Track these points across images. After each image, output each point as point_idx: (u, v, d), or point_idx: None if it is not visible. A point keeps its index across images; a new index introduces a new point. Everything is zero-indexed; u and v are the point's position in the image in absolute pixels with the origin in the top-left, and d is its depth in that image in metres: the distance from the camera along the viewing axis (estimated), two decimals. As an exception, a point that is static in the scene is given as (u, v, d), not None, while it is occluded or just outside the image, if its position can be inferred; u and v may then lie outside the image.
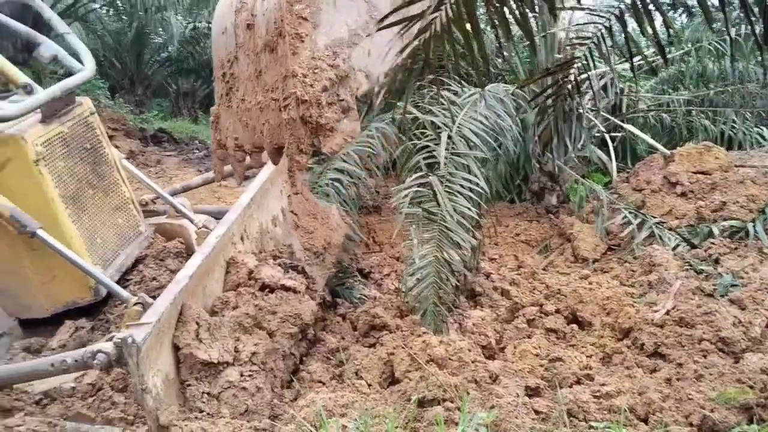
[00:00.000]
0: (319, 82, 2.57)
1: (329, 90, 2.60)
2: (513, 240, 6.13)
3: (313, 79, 2.57)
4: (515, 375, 3.34)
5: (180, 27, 13.15)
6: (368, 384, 3.31)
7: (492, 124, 5.04)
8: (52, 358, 2.89)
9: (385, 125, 5.72)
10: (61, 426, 2.84)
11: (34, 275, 3.76)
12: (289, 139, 2.63)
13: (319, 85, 2.57)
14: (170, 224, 4.60)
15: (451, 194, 4.30)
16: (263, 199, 3.98)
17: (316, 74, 2.58)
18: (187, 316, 2.84)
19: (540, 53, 6.47)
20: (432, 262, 4.04)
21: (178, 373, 2.80)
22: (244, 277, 3.43)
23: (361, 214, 6.08)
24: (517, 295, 4.60)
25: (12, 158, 3.58)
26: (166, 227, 4.58)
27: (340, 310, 4.42)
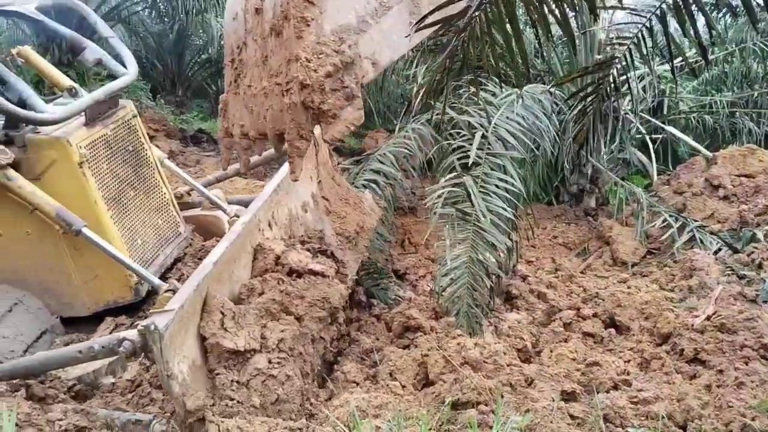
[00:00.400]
0: (323, 68, 2.52)
1: (333, 76, 2.55)
2: (550, 242, 6.07)
3: (317, 64, 2.52)
4: (551, 379, 3.30)
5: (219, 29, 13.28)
6: (402, 385, 3.31)
7: (529, 124, 5.00)
8: (80, 345, 2.97)
9: (422, 126, 5.71)
10: (93, 414, 2.90)
11: (76, 274, 3.84)
12: (289, 124, 2.59)
13: (323, 71, 2.52)
14: (204, 215, 4.66)
15: (486, 195, 4.27)
16: (291, 185, 3.94)
17: (321, 59, 2.53)
18: (212, 306, 2.84)
19: (580, 53, 6.40)
20: (466, 263, 4.02)
21: (206, 362, 2.81)
22: (271, 263, 3.40)
23: (397, 215, 6.08)
24: (554, 299, 4.56)
25: (57, 160, 3.67)
26: (200, 218, 4.64)
27: (375, 311, 4.42)
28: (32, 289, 3.89)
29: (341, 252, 3.92)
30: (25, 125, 3.72)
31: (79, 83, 4.03)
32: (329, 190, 4.38)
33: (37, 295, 3.89)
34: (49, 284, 3.89)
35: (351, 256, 4.04)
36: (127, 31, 12.29)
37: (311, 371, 3.15)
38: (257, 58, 2.70)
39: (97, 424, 2.83)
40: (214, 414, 2.61)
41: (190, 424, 2.59)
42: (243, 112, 2.88)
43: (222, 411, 2.64)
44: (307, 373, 3.09)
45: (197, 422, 2.59)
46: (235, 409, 2.66)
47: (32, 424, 2.76)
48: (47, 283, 3.89)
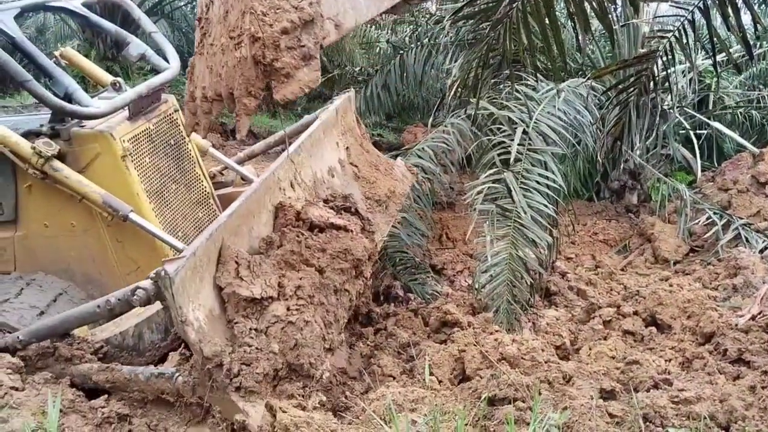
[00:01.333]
0: (279, 23, 2.39)
1: (290, 33, 2.42)
2: (591, 239, 6.00)
3: (273, 18, 2.40)
4: (590, 377, 3.26)
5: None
6: (439, 380, 3.30)
7: (570, 119, 4.95)
8: (97, 300, 3.00)
9: (461, 121, 5.69)
10: (118, 370, 2.96)
11: (118, 266, 3.92)
12: (238, 79, 2.47)
13: (278, 26, 2.39)
14: (237, 193, 4.71)
15: (527, 191, 4.24)
16: (315, 148, 3.90)
17: (278, 14, 2.41)
18: (226, 257, 2.81)
19: (622, 47, 6.30)
20: (506, 259, 4.00)
21: (225, 312, 2.79)
22: (292, 218, 3.33)
23: (435, 210, 6.07)
24: (593, 296, 4.51)
25: (101, 153, 3.75)
26: (232, 196, 4.69)
27: (412, 306, 4.43)
28: (76, 280, 3.98)
29: (369, 213, 3.85)
30: (70, 119, 3.80)
31: (123, 78, 4.10)
32: (358, 156, 4.34)
33: (81, 286, 3.97)
34: (92, 275, 3.97)
35: (381, 218, 3.98)
36: (170, 27, 12.48)
37: (335, 321, 3.10)
38: (220, 15, 2.58)
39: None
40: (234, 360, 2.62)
41: (209, 370, 2.60)
42: (205, 73, 2.74)
43: (241, 357, 2.63)
44: (330, 322, 3.04)
45: (216, 368, 2.59)
46: (254, 356, 2.65)
47: (76, 411, 2.83)
48: (91, 274, 3.97)
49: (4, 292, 3.71)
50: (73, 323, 3.15)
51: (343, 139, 4.26)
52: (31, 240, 3.95)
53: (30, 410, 2.71)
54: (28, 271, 3.95)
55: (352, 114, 4.52)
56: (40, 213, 3.89)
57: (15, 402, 2.75)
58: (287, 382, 2.73)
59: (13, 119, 4.57)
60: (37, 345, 3.12)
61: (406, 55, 8.63)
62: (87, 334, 3.37)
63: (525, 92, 5.00)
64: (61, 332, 3.18)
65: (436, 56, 8.17)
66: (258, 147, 5.43)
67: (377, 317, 4.25)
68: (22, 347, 3.11)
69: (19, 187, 3.86)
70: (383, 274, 4.85)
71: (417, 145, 5.74)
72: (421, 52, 8.41)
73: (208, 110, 2.76)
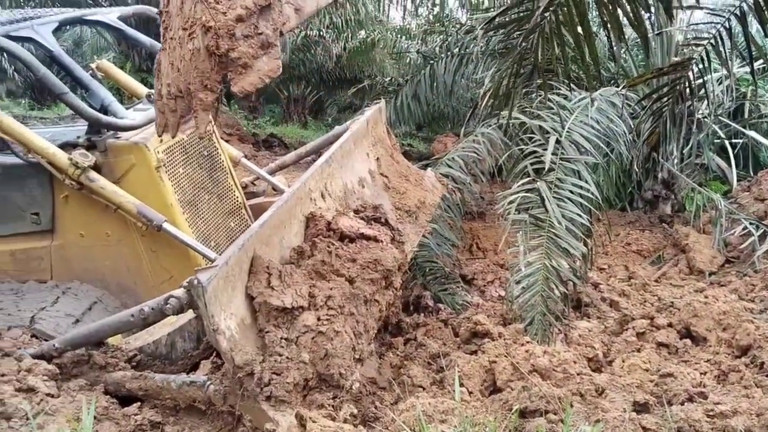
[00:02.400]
0: (233, 10, 2.27)
1: (246, 21, 2.29)
2: (624, 249, 5.92)
3: (226, 6, 2.27)
4: (623, 389, 3.22)
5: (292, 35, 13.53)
6: (469, 391, 3.28)
7: (604, 128, 4.90)
8: (131, 309, 3.02)
9: (492, 130, 5.67)
10: (150, 378, 2.99)
11: (152, 275, 3.98)
12: (192, 72, 2.35)
13: (232, 14, 2.26)
14: (268, 203, 4.75)
15: (560, 200, 4.21)
16: (345, 159, 3.90)
17: (231, 1, 2.28)
18: (257, 266, 2.83)
19: (656, 55, 6.23)
20: (540, 269, 3.97)
21: (256, 321, 2.81)
22: (323, 228, 3.34)
23: (465, 220, 6.05)
24: (626, 307, 4.44)
25: (135, 164, 3.81)
26: (264, 206, 4.73)
27: (441, 316, 4.41)
28: (111, 289, 4.04)
29: (399, 223, 3.86)
30: (106, 131, 3.87)
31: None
32: (388, 167, 4.35)
33: (116, 294, 4.04)
34: (126, 284, 4.03)
35: (411, 229, 3.98)
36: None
37: (365, 331, 3.10)
38: (177, 6, 2.43)
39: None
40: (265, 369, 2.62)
41: (240, 378, 2.61)
42: (168, 69, 2.59)
43: (272, 366, 2.63)
44: (360, 333, 3.04)
45: (246, 377, 2.60)
46: (285, 365, 2.66)
47: (109, 418, 2.87)
48: (125, 283, 4.03)
49: (41, 300, 3.78)
50: (108, 332, 3.19)
51: (373, 149, 4.28)
52: (68, 249, 4.03)
53: (65, 417, 2.75)
54: (64, 280, 4.03)
55: (383, 125, 4.54)
56: (77, 223, 3.97)
57: (50, 409, 2.79)
58: (317, 392, 2.73)
59: (51, 131, 4.66)
60: (72, 353, 3.17)
61: (436, 65, 8.65)
62: (121, 343, 3.42)
63: (558, 101, 4.97)
64: (96, 340, 3.23)
65: (466, 66, 8.18)
66: (289, 157, 5.48)
67: (407, 327, 4.24)
68: (57, 355, 3.16)
69: (56, 198, 3.94)
70: (413, 284, 4.84)
71: (447, 155, 5.74)
72: (452, 61, 8.42)
73: (174, 108, 2.61)
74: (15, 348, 3.22)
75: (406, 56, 12.31)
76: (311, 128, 14.52)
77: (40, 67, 3.79)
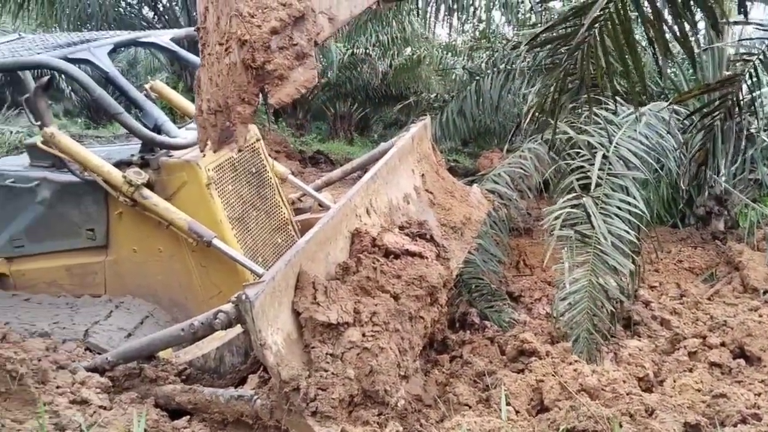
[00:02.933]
0: (267, 23, 2.28)
1: (281, 33, 2.29)
2: (675, 267, 5.80)
3: (261, 19, 2.28)
4: (673, 410, 3.14)
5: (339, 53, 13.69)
6: (516, 410, 3.25)
7: (653, 144, 4.83)
8: (182, 324, 3.09)
9: (538, 146, 5.63)
10: (199, 391, 3.04)
11: (202, 290, 4.05)
12: (230, 86, 2.37)
13: (267, 26, 2.28)
14: (315, 219, 4.79)
15: (607, 216, 4.15)
16: (390, 175, 3.92)
17: (266, 14, 2.28)
18: (304, 282, 2.85)
19: (706, 70, 6.12)
20: (585, 286, 3.91)
21: (302, 336, 2.83)
22: (368, 244, 3.36)
23: (512, 237, 6.01)
24: (678, 326, 4.35)
25: (187, 182, 3.90)
26: (310, 222, 4.77)
27: (488, 333, 4.38)
28: (162, 304, 4.13)
29: (444, 239, 3.85)
30: (159, 149, 3.98)
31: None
32: (433, 183, 4.35)
33: (167, 309, 4.13)
34: (177, 299, 4.12)
35: (456, 245, 3.97)
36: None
37: (410, 348, 3.09)
38: (213, 22, 2.47)
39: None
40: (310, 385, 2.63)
41: (286, 393, 2.62)
42: (207, 85, 2.63)
43: (317, 382, 2.65)
44: (405, 349, 3.03)
45: (293, 392, 2.62)
46: (330, 380, 2.67)
47: (159, 431, 2.92)
48: (176, 298, 4.12)
49: (95, 314, 3.89)
50: (159, 345, 3.26)
51: (418, 166, 4.29)
52: (121, 264, 4.13)
53: (116, 429, 2.81)
54: (117, 295, 4.13)
55: (428, 141, 4.55)
56: (130, 239, 4.07)
57: (103, 421, 2.86)
58: (362, 408, 2.74)
59: (107, 149, 4.81)
60: (124, 366, 3.25)
61: (482, 80, 8.64)
62: (171, 356, 3.49)
63: (605, 116, 4.91)
64: (147, 354, 3.30)
65: (513, 81, 8.15)
66: (335, 174, 5.53)
67: (453, 344, 4.23)
68: (110, 368, 3.24)
69: (111, 214, 4.06)
70: (459, 301, 4.83)
71: (493, 171, 5.72)
72: (498, 77, 8.40)
73: (214, 123, 2.63)
74: (69, 361, 3.31)
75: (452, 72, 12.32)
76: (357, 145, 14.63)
77: (96, 87, 3.92)
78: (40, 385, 3.02)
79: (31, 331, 3.68)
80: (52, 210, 4.14)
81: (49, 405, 2.89)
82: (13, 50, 4.42)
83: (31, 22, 12.74)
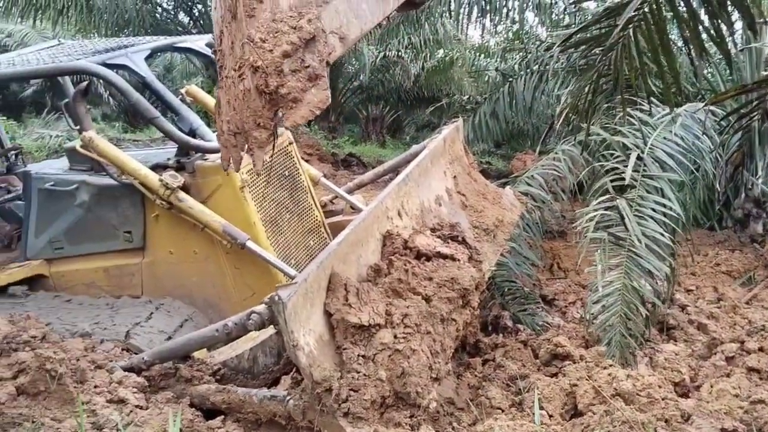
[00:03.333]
0: (279, 47, 2.28)
1: (292, 56, 2.29)
2: (712, 270, 5.70)
3: (273, 44, 2.28)
4: (710, 416, 3.09)
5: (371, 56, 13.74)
6: (549, 414, 3.22)
7: (689, 145, 4.75)
8: (216, 324, 3.14)
9: (572, 147, 5.58)
10: (233, 391, 3.08)
11: (236, 291, 4.11)
12: (245, 112, 2.38)
13: (279, 50, 2.27)
14: (347, 221, 4.82)
15: (642, 218, 4.10)
16: (422, 177, 3.92)
17: (277, 38, 2.28)
18: (335, 284, 2.86)
19: (744, 70, 6.01)
20: (619, 289, 3.87)
21: (333, 338, 2.85)
22: (399, 246, 3.36)
23: (546, 239, 5.96)
24: (715, 330, 4.27)
25: (222, 185, 3.96)
26: (342, 224, 4.80)
27: (521, 337, 4.35)
28: (197, 305, 4.20)
29: (476, 242, 3.83)
30: (194, 153, 4.04)
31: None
32: (465, 185, 4.33)
33: (202, 310, 4.19)
34: (212, 300, 4.18)
35: (489, 248, 3.95)
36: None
37: (442, 350, 3.10)
38: (228, 46, 2.49)
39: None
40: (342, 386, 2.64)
41: (318, 394, 2.64)
42: (226, 107, 2.65)
43: (349, 383, 2.67)
44: (437, 351, 3.04)
45: (325, 392, 2.64)
46: (362, 382, 2.68)
47: (194, 430, 2.96)
48: (210, 299, 4.18)
49: (135, 315, 3.96)
50: (194, 346, 3.32)
51: (450, 168, 4.28)
52: (157, 266, 4.21)
53: (152, 428, 2.86)
54: (154, 296, 4.21)
55: (460, 143, 4.54)
56: (166, 241, 4.15)
57: (139, 420, 2.91)
58: (394, 410, 2.75)
59: (144, 153, 4.90)
60: (160, 366, 3.31)
61: (515, 82, 8.60)
62: (206, 357, 3.54)
63: (639, 117, 4.86)
64: (183, 354, 3.35)
65: (546, 83, 8.10)
66: (367, 176, 5.55)
67: (485, 348, 4.21)
68: (146, 367, 3.30)
69: (148, 217, 4.13)
70: (491, 304, 4.80)
71: (526, 173, 5.68)
72: (531, 79, 8.36)
73: (235, 144, 2.66)
74: (107, 361, 3.38)
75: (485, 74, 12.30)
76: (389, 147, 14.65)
77: (134, 92, 4.00)
78: (79, 385, 3.09)
79: (72, 331, 3.77)
80: (90, 213, 4.23)
81: (87, 404, 2.95)
82: (53, 56, 4.53)
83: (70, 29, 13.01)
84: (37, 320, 3.63)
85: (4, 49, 15.03)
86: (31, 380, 3.03)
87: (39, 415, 2.91)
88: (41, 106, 17.76)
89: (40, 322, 3.62)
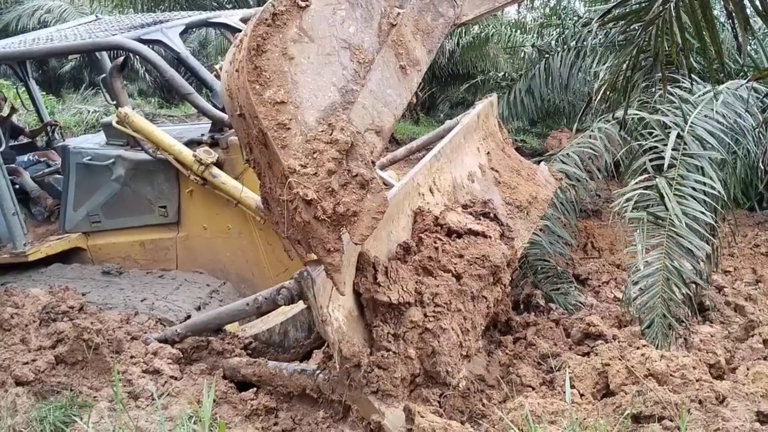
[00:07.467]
0: (322, 168, 2.18)
1: (337, 171, 2.20)
2: (751, 251, 5.59)
3: (315, 166, 2.18)
4: (745, 398, 3.04)
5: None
6: (580, 393, 3.20)
7: (730, 123, 4.63)
8: (247, 299, 3.18)
9: (609, 126, 5.48)
10: (264, 364, 3.13)
11: (269, 267, 4.14)
12: (312, 242, 2.29)
13: (323, 171, 2.18)
14: None
15: (682, 198, 4.02)
16: (455, 153, 3.86)
17: (316, 159, 2.18)
18: (364, 263, 2.85)
19: (789, 45, 5.83)
20: (659, 270, 3.80)
21: (363, 314, 2.86)
22: (430, 223, 3.31)
23: (580, 218, 5.89)
24: (753, 312, 4.20)
25: None
26: None
27: (553, 316, 4.32)
28: (231, 279, 4.24)
29: (509, 219, 3.79)
30: (228, 129, 4.06)
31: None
32: (499, 161, 4.27)
33: (234, 284, 4.24)
34: (245, 275, 4.22)
35: (522, 225, 3.90)
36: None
37: (472, 328, 3.09)
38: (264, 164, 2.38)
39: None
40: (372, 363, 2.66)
41: (347, 369, 2.66)
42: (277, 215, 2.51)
43: (378, 361, 2.68)
44: (467, 329, 3.03)
45: (354, 368, 2.66)
46: (392, 360, 2.69)
47: (228, 401, 3.01)
48: (243, 274, 4.22)
49: (165, 288, 4.02)
50: (225, 319, 3.36)
51: (484, 143, 4.22)
52: (191, 241, 4.26)
53: (187, 399, 2.91)
54: (187, 270, 4.26)
55: (494, 118, 4.48)
56: (200, 216, 4.19)
57: (174, 390, 2.97)
58: (424, 388, 2.76)
59: (178, 128, 4.94)
60: (192, 338, 3.36)
61: (552, 58, 8.47)
62: (238, 330, 3.58)
63: (680, 95, 4.74)
64: (214, 327, 3.40)
65: (583, 59, 7.95)
66: (400, 152, 5.53)
67: (517, 326, 4.19)
68: (179, 340, 3.35)
69: (182, 192, 4.18)
70: (524, 283, 4.78)
71: (562, 151, 5.60)
72: (568, 55, 8.22)
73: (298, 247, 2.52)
74: (142, 332, 3.44)
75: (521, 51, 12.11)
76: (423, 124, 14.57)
77: (168, 69, 4.02)
78: (115, 355, 3.16)
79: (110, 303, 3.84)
80: (126, 187, 4.29)
81: (123, 374, 3.01)
82: (90, 31, 4.57)
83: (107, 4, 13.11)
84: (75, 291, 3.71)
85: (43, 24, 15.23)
86: (69, 350, 3.11)
87: (77, 384, 2.99)
88: (79, 82, 17.98)
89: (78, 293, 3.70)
